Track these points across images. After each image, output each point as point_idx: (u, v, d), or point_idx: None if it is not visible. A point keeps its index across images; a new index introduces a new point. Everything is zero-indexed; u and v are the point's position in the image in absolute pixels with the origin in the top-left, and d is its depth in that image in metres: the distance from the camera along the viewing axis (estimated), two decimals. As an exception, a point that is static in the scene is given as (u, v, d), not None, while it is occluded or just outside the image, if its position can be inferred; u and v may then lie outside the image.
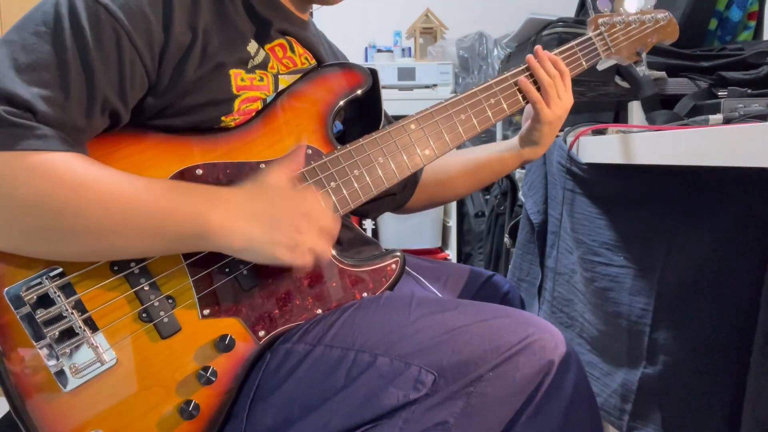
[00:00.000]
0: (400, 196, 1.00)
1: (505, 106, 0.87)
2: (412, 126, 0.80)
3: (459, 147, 0.86)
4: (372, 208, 0.97)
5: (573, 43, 0.94)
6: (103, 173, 0.59)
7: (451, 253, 2.62)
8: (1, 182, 0.55)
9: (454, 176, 1.01)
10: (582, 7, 1.54)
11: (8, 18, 2.23)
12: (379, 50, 2.90)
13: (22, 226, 0.57)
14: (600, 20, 0.97)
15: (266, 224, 0.63)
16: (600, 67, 1.00)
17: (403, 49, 3.02)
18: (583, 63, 0.94)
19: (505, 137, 2.48)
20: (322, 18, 0.92)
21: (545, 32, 1.33)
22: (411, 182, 0.99)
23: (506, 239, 1.80)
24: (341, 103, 0.77)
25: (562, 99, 0.89)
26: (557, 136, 1.20)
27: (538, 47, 0.89)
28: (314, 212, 0.66)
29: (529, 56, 0.88)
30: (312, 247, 0.65)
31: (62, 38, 0.58)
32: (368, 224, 2.72)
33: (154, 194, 0.60)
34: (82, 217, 0.57)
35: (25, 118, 0.55)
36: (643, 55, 1.00)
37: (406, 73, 2.62)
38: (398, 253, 0.77)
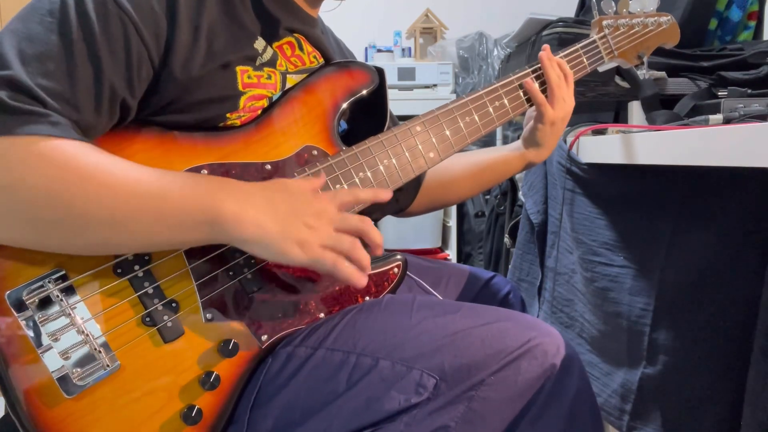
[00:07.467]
0: (402, 200, 0.98)
1: (509, 108, 0.87)
2: (418, 128, 0.79)
3: (463, 149, 0.85)
4: (373, 210, 0.97)
5: (578, 46, 0.94)
6: (114, 161, 0.58)
7: (451, 253, 2.61)
8: (10, 168, 0.53)
9: (457, 179, 1.00)
10: (582, 7, 1.54)
11: (8, 18, 2.23)
12: (379, 50, 2.89)
13: (31, 216, 0.55)
14: (604, 22, 0.97)
15: (278, 217, 0.62)
16: (601, 69, 1.00)
17: (403, 49, 3.01)
18: (587, 66, 0.95)
19: (504, 137, 2.48)
20: (322, 18, 0.92)
21: (545, 32, 1.33)
22: (414, 185, 0.98)
23: (506, 239, 1.80)
24: (347, 103, 0.76)
25: (566, 101, 0.90)
26: (557, 137, 1.20)
27: (547, 46, 0.91)
28: (328, 212, 0.64)
29: (542, 53, 0.89)
30: (324, 244, 0.63)
31: (69, 29, 0.57)
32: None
33: (165, 180, 0.59)
34: (93, 204, 0.56)
35: (36, 106, 0.54)
36: (645, 58, 1.00)
37: (406, 73, 2.61)
38: (399, 257, 0.77)
